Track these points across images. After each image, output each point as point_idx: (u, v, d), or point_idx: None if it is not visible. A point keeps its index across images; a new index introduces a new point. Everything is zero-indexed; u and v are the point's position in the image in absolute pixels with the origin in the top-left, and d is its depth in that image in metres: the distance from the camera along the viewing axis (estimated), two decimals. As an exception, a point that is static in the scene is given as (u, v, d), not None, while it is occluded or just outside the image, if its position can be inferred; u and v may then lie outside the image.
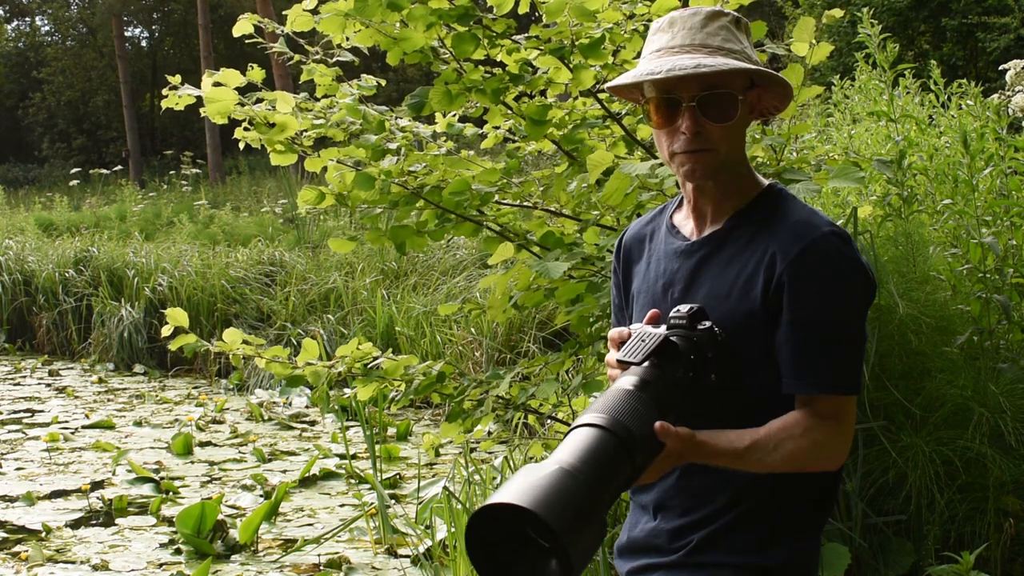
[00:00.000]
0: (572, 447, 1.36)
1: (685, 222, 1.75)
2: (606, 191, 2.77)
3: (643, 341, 1.53)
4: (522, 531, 1.31)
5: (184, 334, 3.25)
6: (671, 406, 1.49)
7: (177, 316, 3.21)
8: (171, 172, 21.09)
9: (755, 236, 1.63)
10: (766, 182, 1.72)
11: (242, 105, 3.17)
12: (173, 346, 3.24)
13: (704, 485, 1.64)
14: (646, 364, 1.51)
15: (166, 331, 3.27)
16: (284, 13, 3.16)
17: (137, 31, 36.49)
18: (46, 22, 37.66)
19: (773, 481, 1.59)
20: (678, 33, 1.66)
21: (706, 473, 1.62)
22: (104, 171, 20.07)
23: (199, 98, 3.22)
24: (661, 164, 2.70)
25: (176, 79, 3.24)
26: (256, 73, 3.20)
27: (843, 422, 1.58)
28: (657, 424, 1.44)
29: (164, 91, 3.25)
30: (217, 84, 3.17)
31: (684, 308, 1.57)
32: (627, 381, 1.48)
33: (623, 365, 1.54)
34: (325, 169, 3.41)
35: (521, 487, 1.28)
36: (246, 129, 3.25)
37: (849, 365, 1.58)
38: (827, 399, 1.56)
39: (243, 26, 3.19)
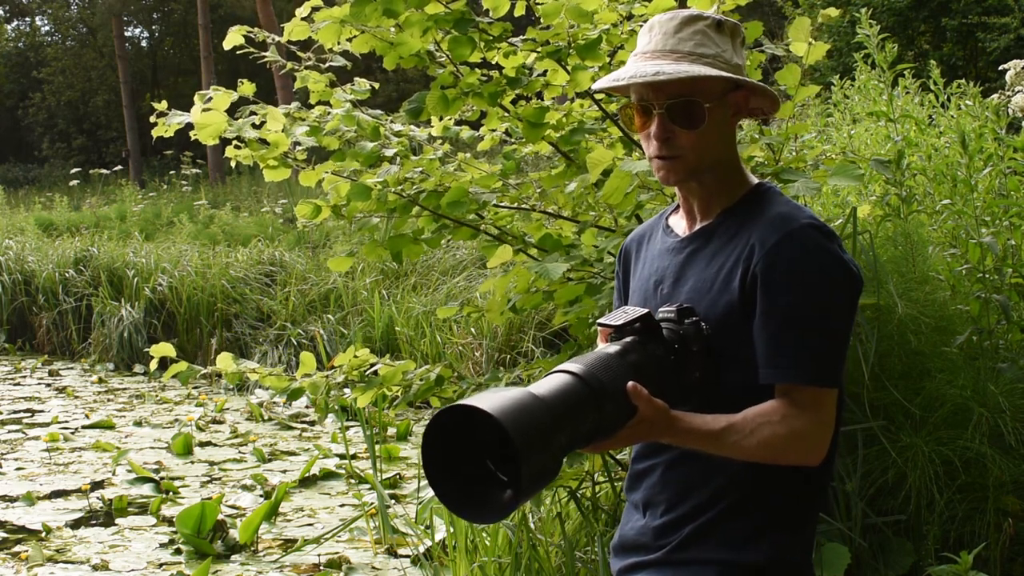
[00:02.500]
0: (542, 383, 1.40)
1: (679, 222, 1.78)
2: (606, 190, 2.77)
3: (626, 313, 1.58)
4: (481, 461, 1.33)
5: (175, 363, 3.25)
6: (648, 377, 1.51)
7: (163, 350, 3.22)
8: (171, 172, 21.10)
9: (739, 231, 1.65)
10: (755, 180, 1.73)
11: (235, 122, 3.18)
12: (166, 377, 3.25)
13: (688, 479, 1.65)
14: (629, 338, 1.55)
15: (153, 365, 3.28)
16: (283, 26, 3.16)
17: (137, 31, 36.51)
18: (46, 22, 37.68)
19: (756, 476, 1.59)
20: (654, 37, 1.68)
21: (690, 466, 1.64)
22: (104, 171, 20.06)
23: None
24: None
25: (162, 105, 3.23)
26: (247, 88, 3.20)
27: (822, 414, 1.57)
28: (629, 384, 1.47)
29: (152, 118, 3.25)
30: (210, 100, 3.17)
31: (674, 305, 1.62)
32: (609, 347, 1.53)
33: (603, 329, 1.59)
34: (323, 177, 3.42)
35: (486, 397, 1.30)
36: (237, 147, 3.25)
37: (828, 357, 1.58)
38: (805, 389, 1.56)
39: (233, 38, 3.19)
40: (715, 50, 1.65)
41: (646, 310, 1.58)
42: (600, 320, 1.60)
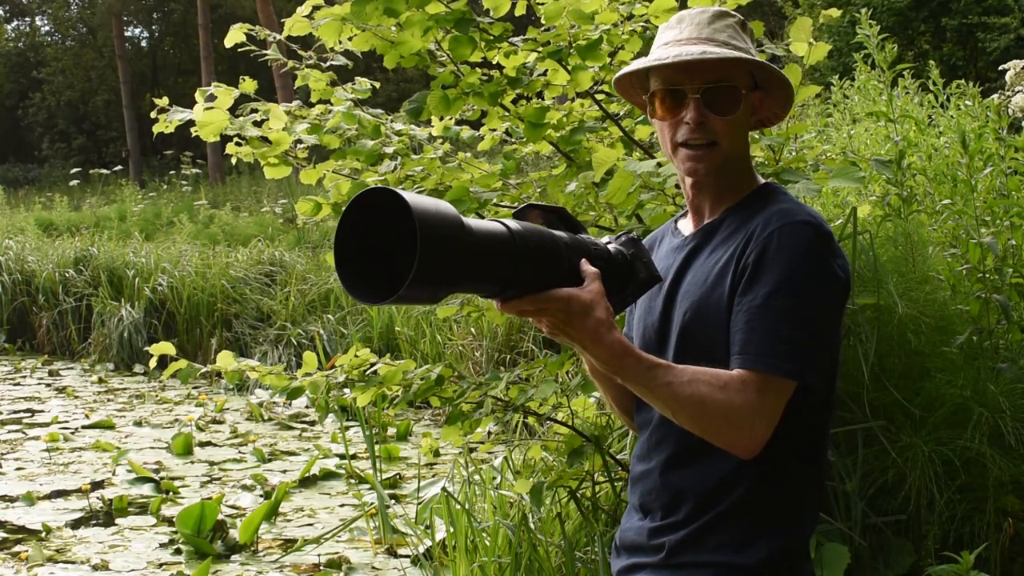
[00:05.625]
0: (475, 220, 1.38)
1: (687, 224, 1.79)
2: (609, 190, 2.77)
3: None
4: (392, 256, 1.31)
5: (175, 360, 3.24)
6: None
7: (163, 348, 3.22)
8: (171, 172, 21.15)
9: (740, 227, 1.65)
10: (762, 180, 1.74)
11: (236, 120, 3.17)
12: (166, 375, 3.25)
13: (682, 484, 1.64)
14: (584, 237, 1.53)
15: (153, 363, 3.28)
16: (282, 21, 3.16)
17: (137, 31, 36.54)
18: (46, 22, 37.71)
19: (751, 479, 1.59)
20: (686, 28, 1.70)
21: (684, 471, 1.64)
22: (104, 171, 20.08)
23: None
24: (664, 163, 2.70)
25: (163, 101, 3.22)
26: (248, 85, 3.19)
27: (765, 403, 1.52)
28: (584, 259, 1.46)
29: (153, 114, 3.25)
30: (211, 97, 3.17)
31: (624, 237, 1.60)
32: (560, 232, 1.49)
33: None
34: (324, 175, 3.41)
35: (413, 195, 1.28)
36: (238, 144, 3.25)
37: (791, 348, 1.53)
38: (759, 371, 1.52)
39: (235, 35, 3.18)
40: (745, 45, 1.68)
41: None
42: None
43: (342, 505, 5.43)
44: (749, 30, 1.73)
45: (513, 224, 1.40)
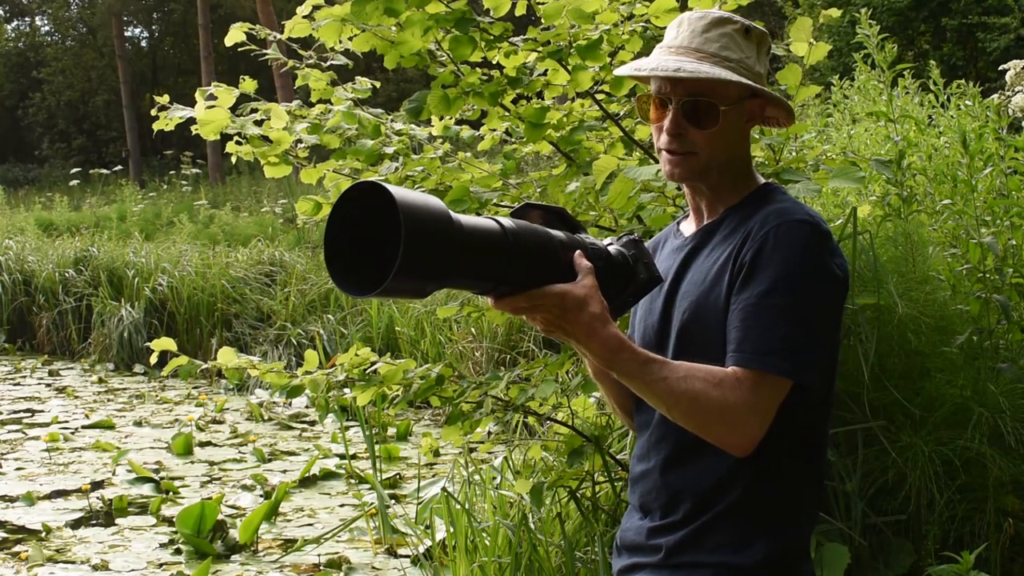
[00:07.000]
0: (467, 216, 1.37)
1: (689, 225, 1.80)
2: (610, 195, 2.77)
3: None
4: (382, 249, 1.30)
5: (176, 357, 3.24)
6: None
7: (164, 344, 3.21)
8: (171, 172, 21.16)
9: (738, 226, 1.65)
10: (763, 181, 1.74)
11: (237, 119, 3.17)
12: (166, 371, 3.25)
13: (681, 483, 1.65)
14: (583, 237, 1.53)
15: (154, 359, 3.28)
16: (283, 23, 3.15)
17: (137, 31, 36.55)
18: (46, 22, 37.72)
19: (750, 478, 1.59)
20: (682, 33, 1.69)
21: (683, 470, 1.64)
22: (104, 171, 20.08)
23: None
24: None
25: (164, 99, 3.22)
26: (248, 84, 3.19)
27: (759, 400, 1.52)
28: (577, 252, 1.46)
29: (153, 111, 3.25)
30: (211, 97, 3.17)
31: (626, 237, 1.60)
32: (555, 231, 1.48)
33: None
34: (324, 175, 3.41)
35: (401, 190, 1.27)
36: (238, 143, 3.25)
37: (787, 346, 1.53)
38: (752, 369, 1.53)
39: (235, 35, 3.18)
40: (739, 55, 1.66)
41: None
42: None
43: (342, 505, 5.43)
44: (755, 36, 1.70)
45: (507, 222, 1.40)
